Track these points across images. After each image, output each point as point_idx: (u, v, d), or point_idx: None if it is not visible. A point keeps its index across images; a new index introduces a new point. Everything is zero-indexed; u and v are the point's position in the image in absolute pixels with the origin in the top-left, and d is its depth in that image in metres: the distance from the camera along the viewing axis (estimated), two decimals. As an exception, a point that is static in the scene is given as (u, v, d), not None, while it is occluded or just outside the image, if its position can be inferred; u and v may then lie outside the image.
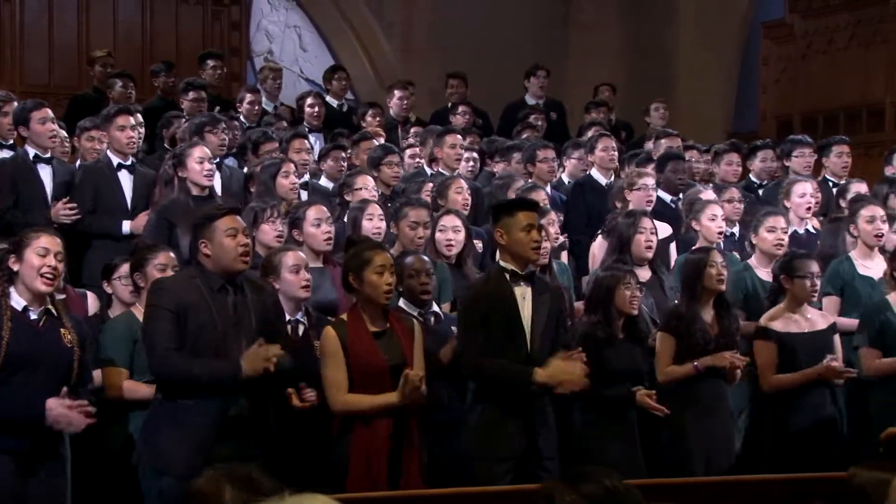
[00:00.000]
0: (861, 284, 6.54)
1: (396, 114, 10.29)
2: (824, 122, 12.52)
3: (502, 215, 5.22)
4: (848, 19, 12.58)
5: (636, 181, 7.27)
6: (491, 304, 5.14)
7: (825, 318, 6.11)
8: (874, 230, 6.62)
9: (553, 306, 5.22)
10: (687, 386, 5.79)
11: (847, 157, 8.37)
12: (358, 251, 5.04)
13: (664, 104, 10.92)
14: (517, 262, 5.17)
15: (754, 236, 6.62)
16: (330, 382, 4.92)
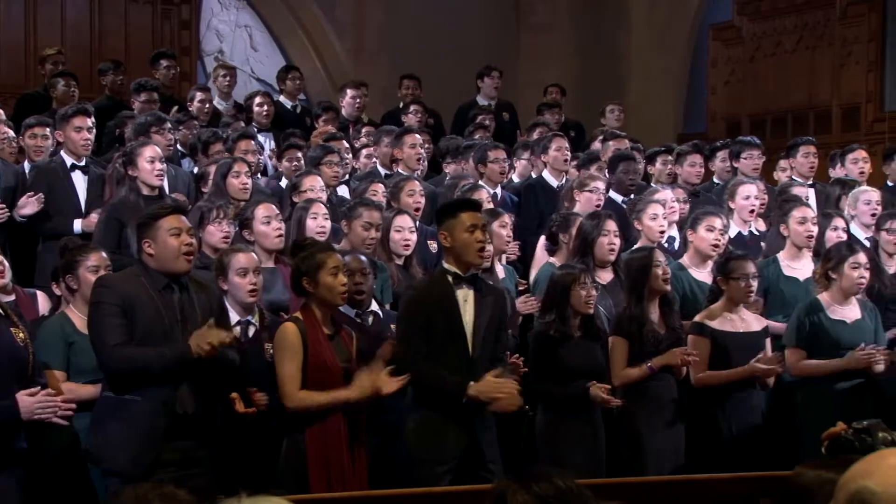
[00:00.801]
0: (786, 286, 6.60)
1: (349, 114, 10.28)
2: (772, 123, 12.66)
3: (446, 217, 5.20)
4: (795, 22, 12.72)
5: (588, 182, 7.31)
6: (432, 306, 5.11)
7: (759, 320, 6.17)
8: (805, 231, 6.68)
9: (496, 310, 5.21)
10: (639, 385, 5.83)
11: (814, 158, 8.42)
12: (310, 254, 5.02)
13: (619, 106, 10.99)
14: (460, 264, 5.13)
15: (692, 233, 6.64)
16: (286, 377, 4.88)
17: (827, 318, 6.10)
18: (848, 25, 12.22)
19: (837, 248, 6.30)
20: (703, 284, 6.40)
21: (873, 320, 6.21)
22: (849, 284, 6.11)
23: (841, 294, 6.14)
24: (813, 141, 8.63)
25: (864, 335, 6.13)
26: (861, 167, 8.33)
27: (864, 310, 6.21)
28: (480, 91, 11.26)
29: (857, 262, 6.12)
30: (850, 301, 6.17)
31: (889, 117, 11.66)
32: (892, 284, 6.78)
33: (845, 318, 6.13)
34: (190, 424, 4.67)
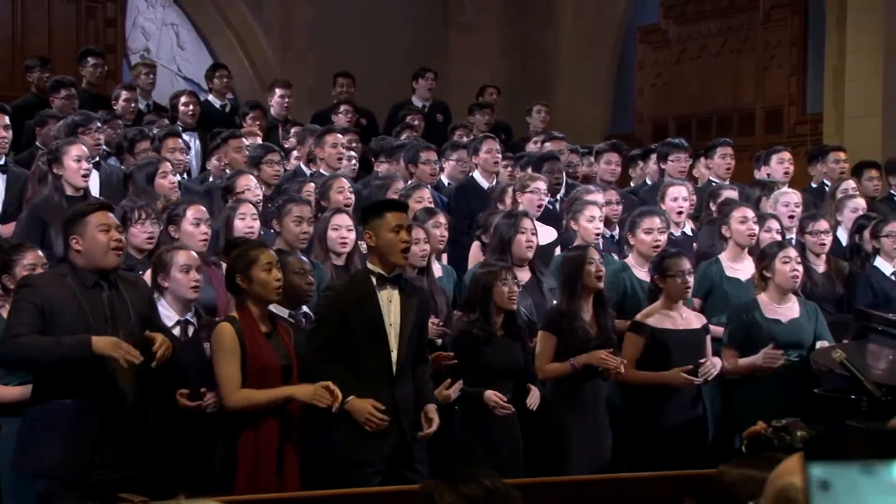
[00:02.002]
0: (729, 286, 6.69)
1: (277, 113, 10.21)
2: (697, 125, 12.81)
3: (371, 217, 5.20)
4: (720, 26, 12.88)
5: (528, 184, 7.34)
6: (351, 307, 5.09)
7: (699, 318, 6.25)
8: (747, 230, 6.79)
9: (420, 310, 5.21)
10: (568, 385, 5.87)
11: (730, 159, 8.57)
12: (243, 251, 5.01)
13: (546, 106, 11.04)
14: (385, 264, 5.13)
15: (631, 237, 6.73)
16: (225, 378, 4.85)
17: (762, 317, 6.20)
18: (771, 29, 12.41)
19: (769, 246, 6.41)
20: (646, 284, 6.47)
21: (813, 319, 6.32)
22: (783, 279, 6.21)
23: (778, 292, 6.24)
24: (729, 142, 8.77)
25: (801, 334, 6.24)
26: (786, 168, 8.47)
27: (805, 310, 6.32)
28: (415, 92, 11.26)
29: (787, 257, 6.23)
30: (788, 300, 6.27)
31: (811, 120, 11.86)
32: (822, 284, 6.90)
33: (781, 317, 6.23)
34: (122, 426, 4.62)
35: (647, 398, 5.97)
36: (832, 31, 11.18)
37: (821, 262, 7.01)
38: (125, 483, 4.44)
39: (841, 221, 7.74)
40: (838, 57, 11.04)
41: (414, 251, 6.06)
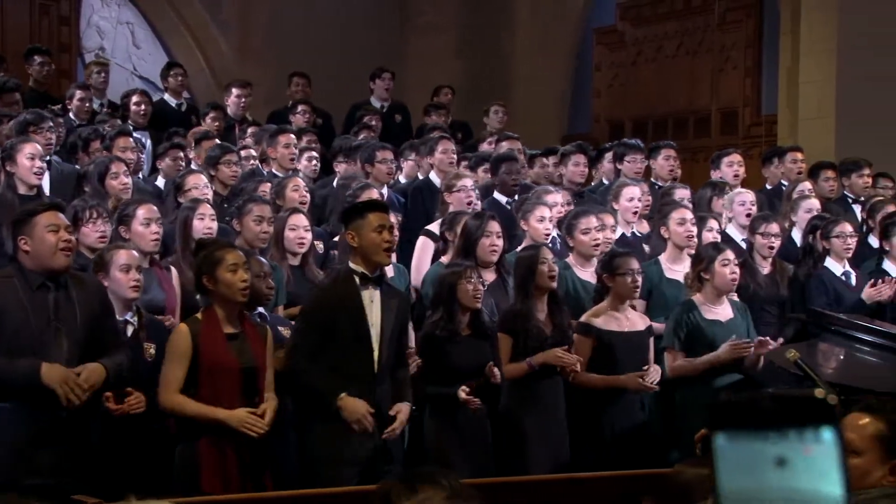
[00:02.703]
0: (668, 287, 6.73)
1: (234, 113, 10.17)
2: (654, 126, 12.88)
3: (353, 217, 5.22)
4: (676, 28, 12.96)
5: (454, 183, 7.34)
6: (338, 307, 5.12)
7: (644, 319, 6.28)
8: (685, 232, 6.82)
9: (400, 311, 5.24)
10: (525, 385, 5.88)
11: (674, 161, 8.63)
12: (208, 252, 5.01)
13: (503, 107, 11.06)
14: (367, 264, 5.16)
15: (570, 238, 6.74)
16: (164, 379, 4.86)
17: (702, 317, 6.24)
18: (726, 32, 12.50)
19: (706, 248, 6.45)
20: (587, 283, 6.49)
21: (745, 319, 6.37)
22: (721, 282, 6.25)
23: (714, 294, 6.28)
24: (673, 145, 8.84)
25: (738, 334, 6.27)
26: (736, 170, 8.53)
27: (736, 309, 6.37)
28: (373, 92, 11.24)
29: (726, 260, 6.27)
30: (722, 301, 6.31)
31: (766, 121, 11.95)
32: (766, 286, 6.95)
33: (720, 318, 6.28)
34: (60, 432, 4.58)
35: (593, 401, 5.99)
36: (786, 33, 11.28)
37: (766, 263, 7.07)
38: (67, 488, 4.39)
39: (796, 222, 7.81)
40: (792, 59, 11.14)
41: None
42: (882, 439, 3.02)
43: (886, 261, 7.19)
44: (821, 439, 1.17)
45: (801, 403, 1.17)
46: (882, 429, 3.03)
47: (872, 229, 7.71)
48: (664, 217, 6.94)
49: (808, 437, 1.17)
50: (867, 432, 3.03)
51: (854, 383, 5.87)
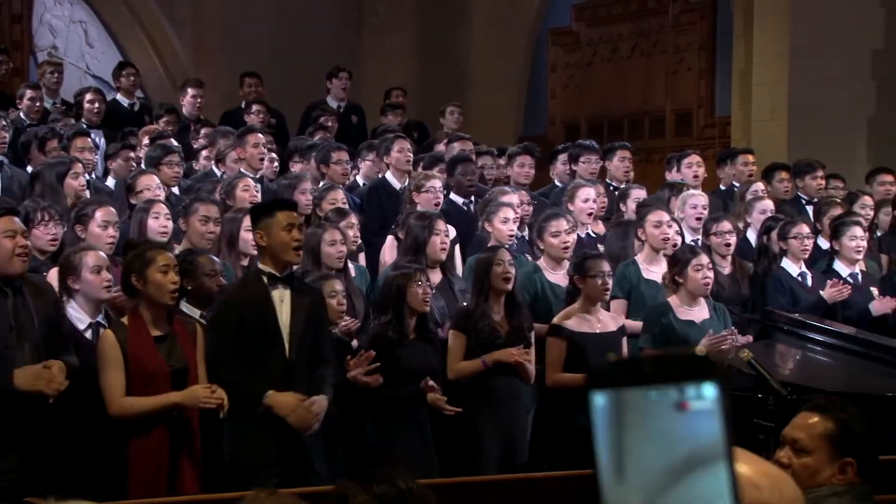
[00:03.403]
0: (646, 288, 6.78)
1: (189, 113, 10.11)
2: (609, 127, 12.94)
3: (262, 216, 5.18)
4: (630, 29, 13.03)
5: (423, 183, 7.35)
6: (246, 308, 5.08)
7: (615, 320, 6.32)
8: (661, 234, 6.87)
9: (313, 311, 5.20)
10: (482, 383, 5.89)
11: (628, 163, 8.68)
12: (140, 252, 4.97)
13: (459, 107, 11.08)
14: (277, 264, 5.12)
15: (540, 241, 6.77)
16: (107, 387, 4.82)
17: (676, 319, 6.29)
18: (680, 33, 12.58)
19: (681, 251, 6.51)
20: (557, 287, 6.52)
21: (722, 319, 6.42)
22: (694, 286, 6.31)
23: (688, 296, 6.33)
24: (628, 146, 8.89)
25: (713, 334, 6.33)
26: (695, 171, 8.60)
27: (713, 310, 6.42)
28: (330, 92, 11.21)
29: (699, 264, 6.32)
30: (698, 302, 6.37)
31: (720, 123, 12.05)
32: (728, 286, 7.01)
33: (694, 319, 6.33)
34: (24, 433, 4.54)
35: (564, 401, 6.01)
36: (739, 35, 11.37)
37: (726, 263, 7.13)
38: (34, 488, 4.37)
39: (750, 223, 7.88)
40: (745, 61, 11.24)
41: (331, 252, 6.07)
42: (831, 438, 3.05)
43: (837, 261, 7.27)
44: (702, 395, 1.16)
45: (682, 360, 1.17)
46: (831, 428, 3.06)
47: (821, 230, 7.79)
48: (641, 218, 6.99)
49: (689, 393, 1.16)
50: (816, 431, 3.06)
51: (807, 383, 5.94)
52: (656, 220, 6.90)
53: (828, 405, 3.17)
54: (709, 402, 1.17)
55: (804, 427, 3.09)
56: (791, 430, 3.12)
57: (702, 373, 1.17)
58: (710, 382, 1.17)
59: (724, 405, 1.17)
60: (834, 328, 6.58)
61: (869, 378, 6.10)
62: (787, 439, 3.12)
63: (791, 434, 3.12)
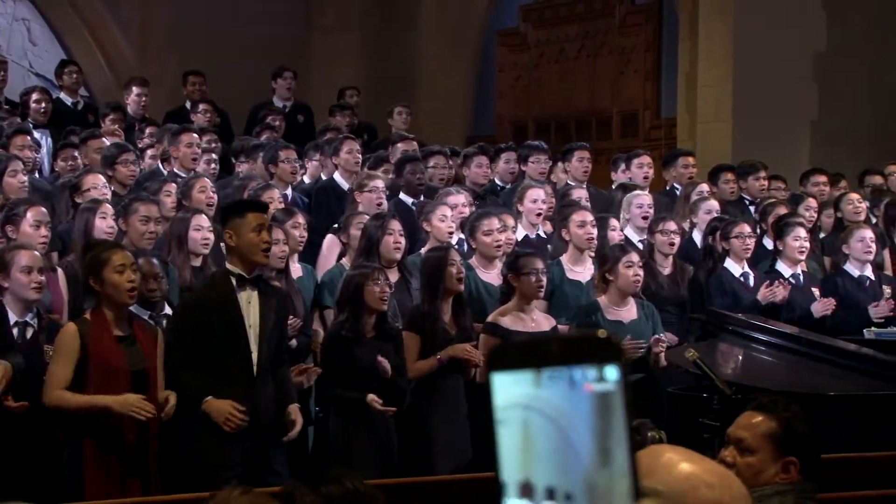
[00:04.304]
0: (569, 288, 6.81)
1: (134, 111, 10.03)
2: (556, 128, 13.00)
3: (232, 217, 5.17)
4: (577, 31, 13.10)
5: (366, 183, 7.34)
6: (212, 308, 5.07)
7: (549, 320, 6.35)
8: (585, 234, 6.91)
9: (279, 311, 5.20)
10: (431, 381, 5.91)
11: (588, 163, 8.74)
12: (95, 253, 4.94)
13: (407, 108, 11.08)
14: (245, 265, 5.11)
15: (472, 240, 6.78)
16: (50, 376, 4.80)
17: (604, 319, 6.32)
18: (626, 35, 12.67)
19: (611, 249, 6.55)
20: (489, 285, 6.53)
21: (651, 319, 6.47)
22: (625, 283, 6.34)
23: (618, 295, 6.37)
24: (587, 146, 8.96)
25: (641, 335, 6.37)
26: (646, 172, 8.69)
27: (642, 310, 6.46)
28: (275, 92, 11.17)
29: (630, 262, 6.36)
30: (627, 302, 6.41)
31: (665, 124, 12.15)
32: (667, 286, 7.07)
33: (622, 319, 6.37)
34: None
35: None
36: (685, 38, 11.48)
37: (668, 263, 7.19)
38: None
39: (696, 224, 7.95)
40: (690, 63, 11.35)
41: (273, 252, 6.04)
42: (774, 437, 3.09)
43: (780, 261, 7.36)
44: (604, 377, 1.17)
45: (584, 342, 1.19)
46: (774, 427, 3.10)
47: (766, 231, 7.89)
48: (565, 219, 7.02)
49: (590, 375, 1.18)
50: (759, 431, 3.10)
51: (751, 382, 6.01)
52: (580, 220, 6.93)
53: (771, 405, 3.21)
54: (611, 385, 1.17)
55: (748, 427, 3.12)
56: (735, 430, 3.15)
57: (605, 355, 1.18)
58: (612, 365, 1.17)
59: (625, 388, 1.17)
60: (777, 328, 6.66)
61: (811, 377, 6.18)
62: (732, 439, 3.16)
63: (735, 433, 3.15)
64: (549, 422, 1.17)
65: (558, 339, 1.20)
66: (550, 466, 1.17)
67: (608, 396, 1.17)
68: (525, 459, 1.18)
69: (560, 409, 1.17)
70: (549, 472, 1.17)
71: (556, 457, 1.17)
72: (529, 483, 1.18)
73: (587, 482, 1.16)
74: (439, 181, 8.54)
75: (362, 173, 7.76)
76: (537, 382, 1.19)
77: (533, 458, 1.18)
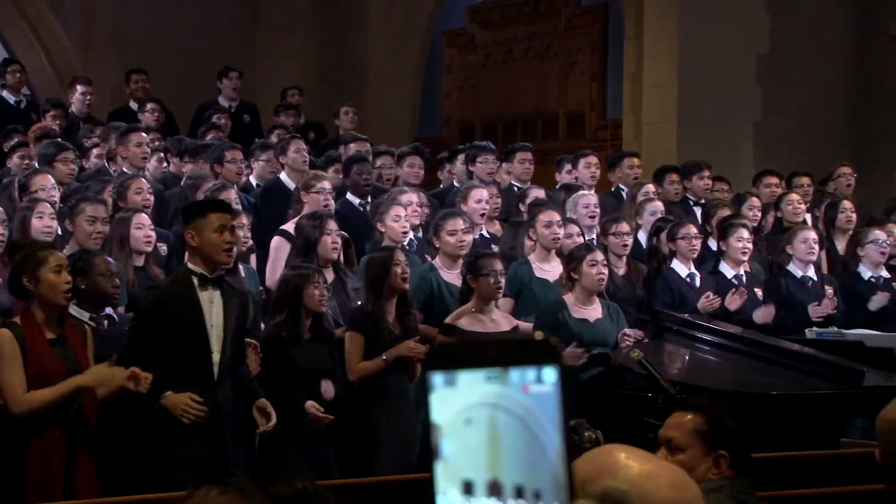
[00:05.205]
0: (538, 287, 6.86)
1: (78, 110, 9.94)
2: (503, 129, 13.04)
3: (194, 217, 5.15)
4: (524, 32, 13.15)
5: (313, 183, 7.33)
6: (175, 308, 5.05)
7: (508, 319, 6.38)
8: (551, 234, 6.96)
9: (241, 312, 5.20)
10: (375, 381, 5.91)
11: (530, 164, 8.79)
12: (30, 252, 4.87)
13: (353, 108, 11.07)
14: (207, 264, 5.09)
15: (436, 240, 6.80)
16: (8, 384, 4.72)
17: (570, 317, 6.38)
18: (572, 36, 12.74)
19: (577, 249, 6.60)
20: (452, 286, 6.55)
21: (615, 319, 6.53)
22: (589, 282, 6.40)
23: (584, 293, 6.43)
24: (529, 147, 9.01)
25: (606, 334, 6.45)
26: (593, 172, 8.76)
27: (607, 310, 6.52)
28: (221, 92, 11.10)
29: (594, 260, 6.43)
30: (592, 301, 6.47)
31: (611, 125, 12.22)
32: (623, 286, 7.13)
33: (588, 318, 6.42)
34: None
35: None
36: (630, 39, 11.56)
37: (622, 264, 7.25)
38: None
39: (641, 224, 8.02)
40: (636, 65, 11.43)
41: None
42: (701, 433, 3.14)
43: (723, 262, 7.44)
44: (542, 379, 1.19)
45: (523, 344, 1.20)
46: (701, 423, 3.16)
47: (711, 232, 7.97)
48: (532, 218, 7.07)
49: (528, 377, 1.19)
50: (687, 428, 3.16)
51: (695, 382, 6.07)
52: (547, 220, 6.99)
53: (698, 403, 3.28)
54: (548, 386, 1.18)
55: (676, 426, 3.18)
56: (664, 430, 3.21)
57: (543, 357, 1.19)
58: (550, 367, 1.18)
59: (562, 389, 1.18)
60: (721, 328, 6.74)
61: (754, 377, 6.26)
62: (662, 439, 3.22)
63: (664, 434, 3.21)
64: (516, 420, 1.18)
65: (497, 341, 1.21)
66: (518, 464, 1.18)
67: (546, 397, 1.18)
68: (493, 458, 1.19)
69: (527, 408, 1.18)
70: (518, 470, 1.18)
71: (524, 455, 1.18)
72: (498, 482, 1.19)
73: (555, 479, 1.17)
74: (386, 181, 8.56)
75: (309, 173, 7.73)
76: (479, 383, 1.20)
77: (501, 456, 1.19)
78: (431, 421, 1.20)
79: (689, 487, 1.85)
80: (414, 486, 4.78)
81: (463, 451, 1.19)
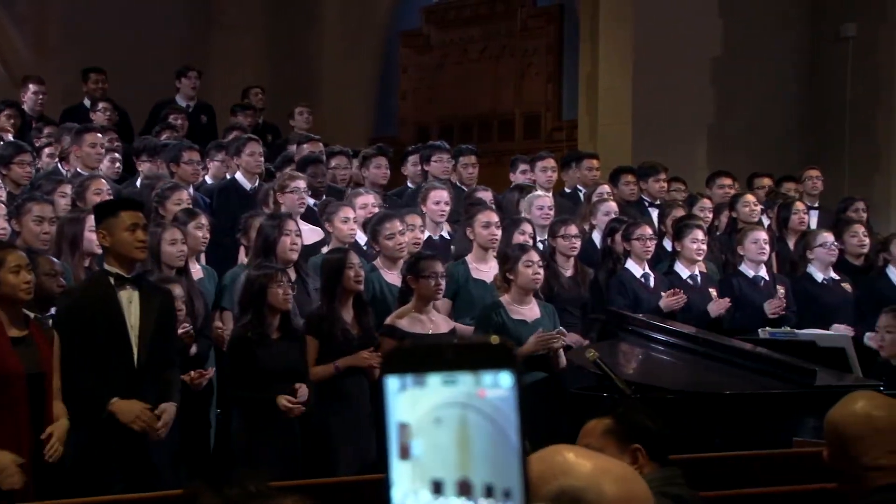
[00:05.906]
0: (474, 287, 6.87)
1: (31, 109, 9.84)
2: (459, 129, 13.05)
3: (105, 216, 5.10)
4: (480, 32, 13.17)
5: (288, 184, 7.31)
6: (91, 310, 5.00)
7: (447, 322, 6.39)
8: (489, 235, 6.97)
9: (163, 311, 5.14)
10: (333, 384, 5.90)
11: (473, 168, 8.79)
12: None
13: (308, 108, 11.03)
14: (123, 264, 5.05)
15: (374, 243, 6.79)
16: None
17: (508, 317, 6.38)
18: (528, 37, 12.78)
19: (511, 249, 6.62)
20: (394, 287, 6.54)
21: (552, 320, 6.54)
22: (525, 282, 6.41)
23: (520, 294, 6.43)
24: (474, 150, 9.01)
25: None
26: (549, 175, 8.78)
27: (544, 310, 6.54)
28: (179, 91, 11.03)
29: (530, 260, 6.44)
30: (529, 301, 6.47)
31: (567, 126, 12.27)
32: (569, 287, 7.16)
33: (526, 318, 6.43)
34: None
35: None
36: (585, 40, 11.61)
37: (569, 265, 7.27)
38: None
39: (595, 225, 8.06)
40: (592, 66, 11.48)
41: (171, 252, 6.00)
42: (612, 432, 3.23)
43: (678, 262, 7.49)
44: (498, 383, 1.19)
45: (479, 348, 1.20)
46: (609, 423, 3.25)
47: (665, 232, 8.02)
48: (470, 218, 7.07)
49: (484, 381, 1.19)
50: (598, 431, 3.24)
51: (650, 382, 6.11)
52: (485, 220, 6.99)
53: (605, 407, 3.40)
54: (505, 391, 1.19)
55: (589, 432, 3.26)
56: (580, 439, 3.27)
57: (499, 361, 1.19)
58: (506, 371, 1.19)
59: (519, 394, 1.19)
60: (675, 328, 6.78)
61: (709, 376, 6.30)
62: None
63: (580, 442, 3.25)
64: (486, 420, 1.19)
65: (454, 344, 1.21)
66: (488, 464, 1.18)
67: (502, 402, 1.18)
68: (463, 458, 1.19)
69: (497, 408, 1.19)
70: (488, 469, 1.18)
71: (494, 454, 1.18)
72: (467, 481, 1.19)
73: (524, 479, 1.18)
74: (341, 181, 8.54)
75: (284, 174, 7.71)
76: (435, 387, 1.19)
77: (471, 456, 1.19)
78: (400, 420, 1.20)
79: (637, 479, 1.90)
80: (369, 487, 4.78)
81: (433, 451, 1.19)
